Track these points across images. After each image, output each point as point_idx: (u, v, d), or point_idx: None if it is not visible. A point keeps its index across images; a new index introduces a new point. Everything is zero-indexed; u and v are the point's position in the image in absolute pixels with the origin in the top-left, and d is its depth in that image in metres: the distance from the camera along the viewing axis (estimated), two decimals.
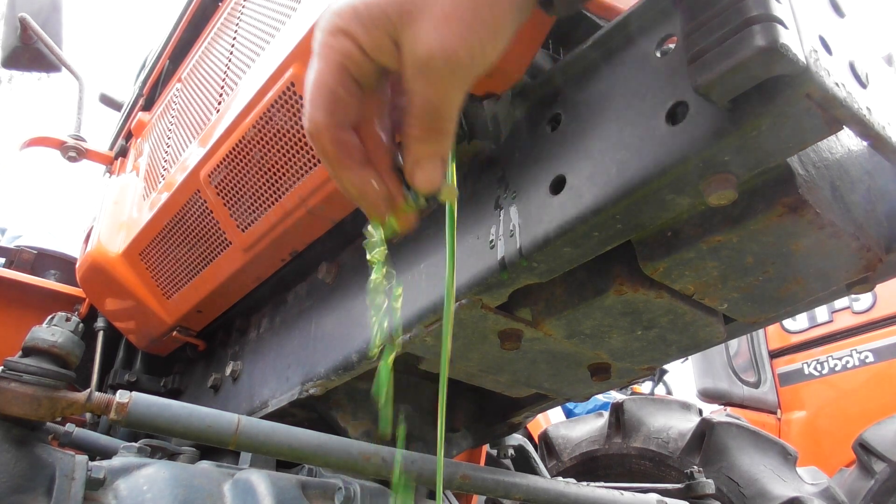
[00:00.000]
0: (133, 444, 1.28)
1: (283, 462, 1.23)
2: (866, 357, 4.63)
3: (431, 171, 0.69)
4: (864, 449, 3.14)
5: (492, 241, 0.95)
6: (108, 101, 2.86)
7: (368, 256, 0.79)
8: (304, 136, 1.14)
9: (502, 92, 0.97)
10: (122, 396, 0.91)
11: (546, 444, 3.12)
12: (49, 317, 0.96)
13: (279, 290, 1.57)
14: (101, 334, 2.11)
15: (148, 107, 2.27)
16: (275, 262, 1.42)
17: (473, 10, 0.63)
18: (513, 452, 2.01)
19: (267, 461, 1.26)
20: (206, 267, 1.52)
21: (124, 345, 2.12)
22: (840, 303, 4.78)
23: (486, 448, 2.09)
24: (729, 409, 4.79)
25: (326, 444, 1.04)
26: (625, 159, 0.79)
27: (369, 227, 0.79)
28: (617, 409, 2.88)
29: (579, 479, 1.51)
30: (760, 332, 5.17)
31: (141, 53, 2.64)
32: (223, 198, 1.37)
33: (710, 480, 1.82)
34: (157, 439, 1.35)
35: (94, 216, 2.07)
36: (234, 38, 1.52)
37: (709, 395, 4.86)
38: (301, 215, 1.24)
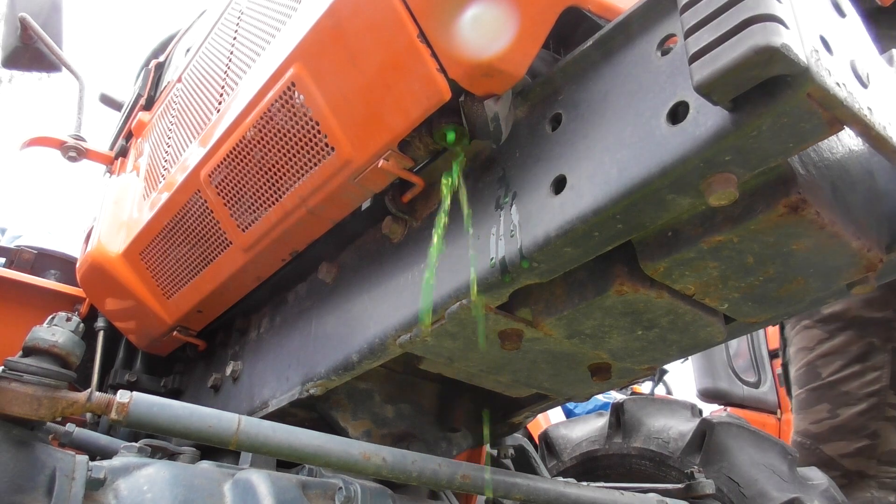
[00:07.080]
0: (133, 444, 1.28)
1: (284, 462, 1.23)
2: None
3: None
4: None
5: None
6: (108, 101, 2.87)
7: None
8: (304, 135, 1.14)
9: (503, 92, 0.97)
10: (122, 396, 0.91)
11: (546, 444, 3.12)
12: (49, 317, 0.96)
13: (279, 290, 1.56)
14: (101, 334, 2.11)
15: (148, 107, 2.27)
16: (275, 262, 1.42)
17: None
18: (513, 452, 2.00)
19: (267, 461, 1.26)
20: (207, 267, 1.52)
21: (124, 345, 2.12)
22: None
23: (486, 448, 2.09)
24: (729, 409, 4.78)
25: (327, 444, 1.04)
26: (625, 159, 0.79)
27: None
28: (617, 409, 2.87)
29: (579, 479, 1.51)
30: (760, 332, 5.16)
31: (141, 53, 2.64)
32: (223, 198, 1.37)
33: (710, 480, 1.82)
34: (157, 439, 1.35)
35: (94, 216, 2.07)
36: (235, 38, 1.51)
37: (709, 395, 4.85)
38: (301, 215, 1.24)
